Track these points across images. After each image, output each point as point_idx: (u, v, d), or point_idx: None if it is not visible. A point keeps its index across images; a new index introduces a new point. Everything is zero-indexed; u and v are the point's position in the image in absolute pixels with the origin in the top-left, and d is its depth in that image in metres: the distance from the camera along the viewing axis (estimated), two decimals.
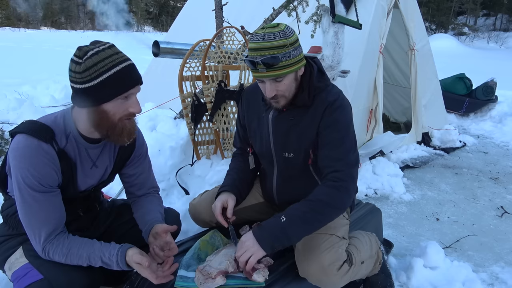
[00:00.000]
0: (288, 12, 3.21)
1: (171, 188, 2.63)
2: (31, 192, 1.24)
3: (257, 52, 1.36)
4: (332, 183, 1.43)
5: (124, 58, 1.24)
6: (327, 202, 1.40)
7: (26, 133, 1.24)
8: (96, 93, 1.21)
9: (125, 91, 1.24)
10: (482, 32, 26.11)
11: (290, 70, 1.40)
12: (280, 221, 1.38)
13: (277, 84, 1.42)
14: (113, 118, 1.26)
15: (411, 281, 1.94)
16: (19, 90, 5.64)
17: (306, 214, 1.39)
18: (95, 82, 1.19)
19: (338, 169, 1.43)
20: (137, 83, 1.27)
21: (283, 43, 1.35)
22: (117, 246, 1.31)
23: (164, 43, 2.82)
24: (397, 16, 3.98)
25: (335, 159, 1.45)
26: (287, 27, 1.41)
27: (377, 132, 3.69)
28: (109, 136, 1.31)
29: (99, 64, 1.19)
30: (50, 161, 1.26)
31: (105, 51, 1.21)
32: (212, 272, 1.34)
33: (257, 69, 1.38)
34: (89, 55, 1.19)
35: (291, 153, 1.57)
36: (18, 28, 31.06)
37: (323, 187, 1.44)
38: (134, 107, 1.28)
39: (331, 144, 1.47)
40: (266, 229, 1.39)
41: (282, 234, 1.36)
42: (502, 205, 2.99)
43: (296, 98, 1.50)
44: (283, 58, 1.36)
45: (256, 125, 1.66)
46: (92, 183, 1.46)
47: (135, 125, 1.38)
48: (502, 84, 6.07)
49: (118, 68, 1.21)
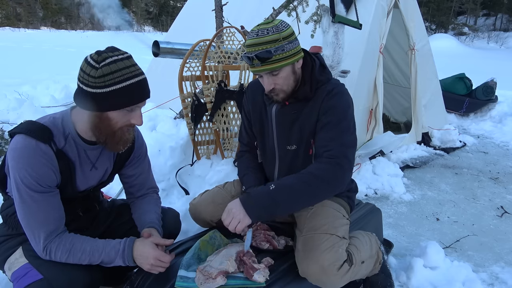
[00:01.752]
0: (288, 12, 3.21)
1: (171, 188, 2.63)
2: (30, 192, 1.24)
3: (252, 47, 1.42)
4: (325, 159, 1.45)
5: (139, 72, 1.26)
6: (317, 175, 1.41)
7: (25, 133, 1.25)
8: (104, 100, 1.22)
9: (133, 104, 1.26)
10: (482, 32, 26.14)
11: (285, 63, 1.43)
12: (268, 189, 1.40)
13: (274, 78, 1.46)
14: (114, 126, 1.28)
15: (411, 281, 1.94)
16: (19, 90, 5.64)
17: (295, 185, 1.40)
18: (107, 89, 1.20)
19: (331, 148, 1.45)
20: (146, 98, 1.29)
21: (276, 37, 1.40)
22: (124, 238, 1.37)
23: (164, 43, 2.82)
24: (397, 16, 3.98)
25: (329, 139, 1.47)
26: (281, 22, 1.44)
27: (377, 132, 3.69)
28: (107, 142, 1.32)
29: (116, 73, 1.20)
30: (48, 161, 1.26)
31: (123, 61, 1.22)
32: (212, 272, 1.34)
33: (253, 64, 1.43)
34: (107, 62, 1.19)
35: (294, 145, 1.59)
36: (18, 28, 31.05)
37: (317, 163, 1.46)
38: (136, 120, 1.31)
39: (327, 126, 1.49)
40: (253, 196, 1.41)
41: (270, 201, 1.38)
42: (502, 205, 2.99)
43: (298, 91, 1.52)
44: (276, 51, 1.40)
45: (260, 119, 1.69)
46: (92, 184, 1.46)
47: (133, 135, 1.40)
48: (502, 84, 6.07)
49: (132, 81, 1.23)
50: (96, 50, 1.24)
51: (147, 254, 1.33)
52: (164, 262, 1.36)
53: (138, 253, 1.34)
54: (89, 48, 12.22)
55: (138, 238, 1.45)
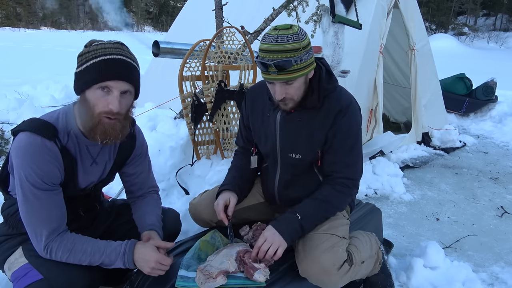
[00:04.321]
0: (288, 12, 3.21)
1: (171, 188, 2.63)
2: (33, 190, 1.23)
3: (270, 54, 1.34)
4: (342, 188, 1.53)
5: (117, 52, 1.24)
6: (335, 205, 1.55)
7: (29, 130, 1.24)
8: (80, 79, 1.24)
9: (101, 81, 1.21)
10: (482, 32, 26.15)
11: (302, 73, 1.39)
12: (297, 218, 1.47)
13: (287, 87, 1.41)
14: (92, 109, 1.24)
15: (411, 281, 1.94)
16: (19, 90, 5.64)
17: (318, 214, 1.52)
18: (82, 67, 1.23)
19: (348, 176, 1.54)
20: (118, 77, 1.22)
21: (296, 46, 1.33)
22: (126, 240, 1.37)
23: (164, 43, 2.82)
24: (397, 16, 3.98)
25: (345, 165, 1.53)
26: (300, 29, 1.38)
27: (377, 132, 3.69)
28: (92, 130, 1.26)
29: (92, 52, 1.22)
30: (53, 158, 1.26)
31: (106, 44, 1.24)
32: (213, 271, 1.34)
33: (268, 71, 1.36)
34: (92, 44, 1.24)
35: (298, 154, 1.58)
36: (18, 28, 31.07)
37: (333, 191, 1.53)
38: (112, 104, 1.22)
39: (342, 150, 1.52)
40: (285, 223, 1.47)
41: (300, 229, 1.47)
42: (502, 205, 3.00)
43: (306, 101, 1.49)
44: (296, 61, 1.34)
45: (261, 124, 1.66)
46: (92, 180, 1.46)
47: (116, 130, 1.28)
48: (502, 84, 6.07)
49: (104, 58, 1.22)
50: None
51: (148, 257, 1.32)
52: (165, 265, 1.35)
53: (139, 256, 1.33)
54: None
55: (139, 238, 1.45)
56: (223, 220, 1.60)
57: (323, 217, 1.53)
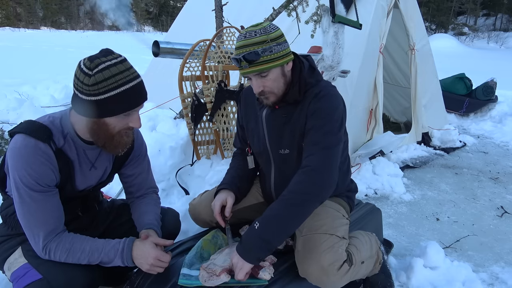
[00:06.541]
0: (288, 12, 3.21)
1: (171, 188, 2.63)
2: (29, 191, 1.24)
3: (240, 49, 1.41)
4: (301, 170, 1.41)
5: (134, 76, 1.23)
6: (297, 191, 1.38)
7: (24, 133, 1.25)
8: (100, 108, 1.21)
9: (130, 109, 1.25)
10: (482, 32, 26.17)
11: (274, 64, 1.42)
12: (254, 229, 1.35)
13: (263, 80, 1.44)
14: (112, 130, 1.27)
15: (411, 281, 1.94)
16: (19, 90, 5.64)
17: (280, 211, 1.36)
18: (102, 97, 1.19)
19: (313, 153, 1.42)
20: (143, 101, 1.28)
21: (263, 38, 1.39)
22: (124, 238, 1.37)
23: (164, 43, 2.82)
24: (397, 16, 3.98)
25: (312, 144, 1.44)
26: (270, 24, 1.44)
27: (377, 132, 3.69)
28: (106, 146, 1.32)
29: (109, 79, 1.18)
30: (47, 160, 1.26)
31: (116, 66, 1.20)
32: (216, 269, 1.35)
33: (241, 66, 1.42)
34: (100, 68, 1.17)
35: (286, 149, 1.57)
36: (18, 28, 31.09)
37: (296, 176, 1.42)
38: (134, 123, 1.29)
39: (311, 131, 1.46)
40: (245, 242, 1.36)
41: (260, 241, 1.33)
42: (502, 205, 2.99)
43: (287, 95, 1.51)
44: (264, 53, 1.38)
45: (253, 124, 1.67)
46: (91, 183, 1.46)
47: (133, 137, 1.40)
48: (502, 84, 6.07)
49: (127, 87, 1.21)
50: (89, 56, 1.21)
51: (147, 254, 1.33)
52: (164, 262, 1.36)
53: (137, 253, 1.33)
54: (89, 48, 12.23)
55: (138, 238, 1.45)
56: (219, 223, 1.60)
57: (291, 214, 1.35)
